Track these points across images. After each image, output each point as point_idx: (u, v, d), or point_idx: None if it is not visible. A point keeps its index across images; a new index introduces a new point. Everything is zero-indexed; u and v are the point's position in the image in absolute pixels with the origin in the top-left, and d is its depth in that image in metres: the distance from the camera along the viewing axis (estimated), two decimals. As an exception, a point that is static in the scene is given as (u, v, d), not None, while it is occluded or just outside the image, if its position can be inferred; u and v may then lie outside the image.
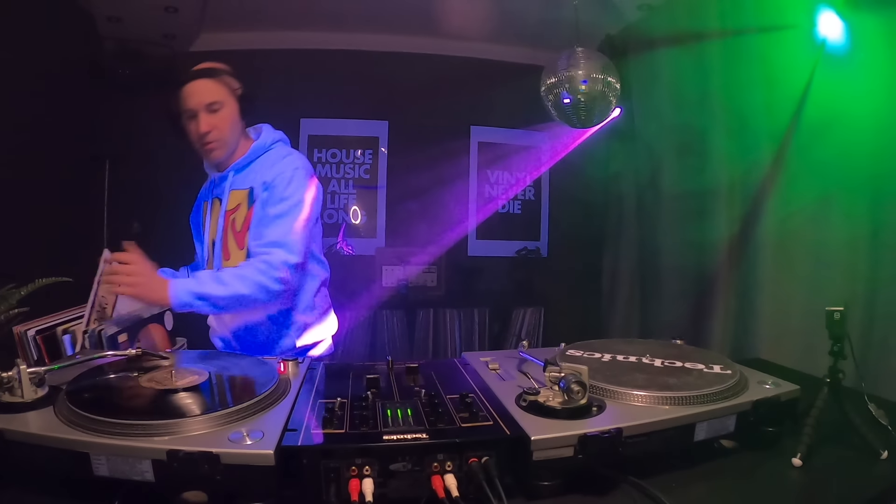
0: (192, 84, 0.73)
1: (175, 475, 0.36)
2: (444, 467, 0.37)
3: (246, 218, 0.75)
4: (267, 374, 0.50)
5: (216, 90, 0.73)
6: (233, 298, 0.69)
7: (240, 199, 0.76)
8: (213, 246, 0.77)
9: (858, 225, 0.97)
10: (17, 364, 0.46)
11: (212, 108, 0.72)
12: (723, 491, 0.43)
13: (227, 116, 0.74)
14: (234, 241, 0.75)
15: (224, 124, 0.73)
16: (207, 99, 0.72)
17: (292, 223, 0.72)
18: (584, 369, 0.43)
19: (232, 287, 0.68)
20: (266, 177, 0.74)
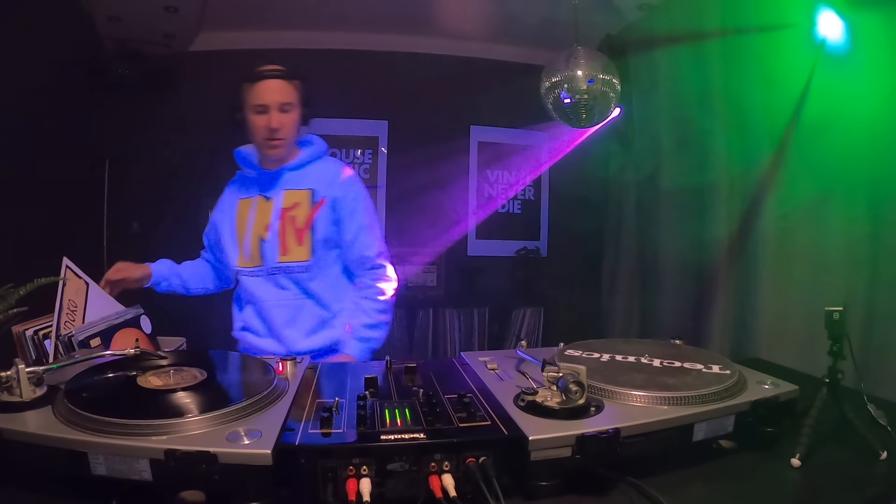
0: (268, 82, 0.77)
1: (173, 475, 0.36)
2: (442, 467, 0.37)
3: (308, 217, 0.80)
4: (265, 374, 0.50)
5: (290, 92, 0.79)
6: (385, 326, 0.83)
7: (298, 199, 0.81)
8: (260, 241, 0.81)
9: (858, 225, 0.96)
10: (15, 363, 0.46)
11: (283, 108, 0.78)
12: (721, 491, 0.43)
13: (293, 119, 0.80)
14: (293, 237, 0.80)
15: (290, 125, 0.79)
16: (282, 99, 0.78)
17: (375, 238, 0.83)
18: (582, 369, 0.43)
19: (383, 325, 0.83)
20: (329, 190, 0.81)
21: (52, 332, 0.69)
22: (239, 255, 0.83)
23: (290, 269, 0.81)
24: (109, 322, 0.76)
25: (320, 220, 0.81)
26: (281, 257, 0.80)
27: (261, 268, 0.82)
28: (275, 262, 0.80)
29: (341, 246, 0.83)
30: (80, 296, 0.76)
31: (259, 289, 0.82)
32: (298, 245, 0.80)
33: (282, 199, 0.81)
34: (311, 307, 0.82)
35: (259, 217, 0.81)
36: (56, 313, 0.70)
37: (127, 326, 0.78)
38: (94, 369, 0.53)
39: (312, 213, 0.80)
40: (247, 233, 0.82)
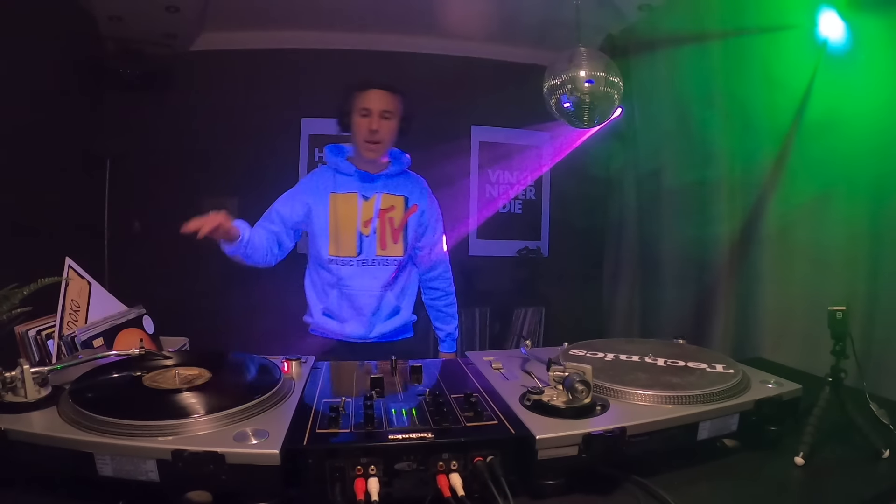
0: (377, 91, 0.90)
1: (180, 475, 0.36)
2: (450, 466, 0.37)
3: (403, 220, 0.94)
4: (271, 374, 0.50)
5: (391, 102, 0.90)
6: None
7: (394, 203, 0.94)
8: (359, 235, 0.91)
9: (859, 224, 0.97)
10: (20, 364, 0.46)
11: (384, 115, 0.89)
12: (726, 490, 0.43)
13: (391, 127, 0.91)
14: (391, 235, 0.92)
15: (388, 132, 0.90)
16: (384, 106, 0.89)
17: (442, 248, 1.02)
18: (587, 368, 0.43)
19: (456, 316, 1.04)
20: (420, 199, 0.96)
21: (54, 333, 0.69)
22: (331, 244, 0.91)
23: (386, 261, 0.92)
24: (112, 322, 0.76)
25: (411, 223, 0.95)
26: (380, 251, 0.92)
27: (355, 258, 0.91)
28: (373, 255, 0.92)
29: (423, 249, 0.98)
30: (82, 296, 0.76)
31: (352, 277, 0.91)
32: (394, 243, 0.92)
33: (381, 200, 0.93)
34: (390, 297, 0.94)
35: (360, 213, 0.91)
36: (59, 313, 0.70)
37: (129, 326, 0.78)
38: (98, 370, 0.53)
39: (406, 217, 0.94)
40: (345, 226, 0.91)
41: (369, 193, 0.92)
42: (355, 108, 0.89)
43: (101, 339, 0.71)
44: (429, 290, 1.02)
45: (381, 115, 0.88)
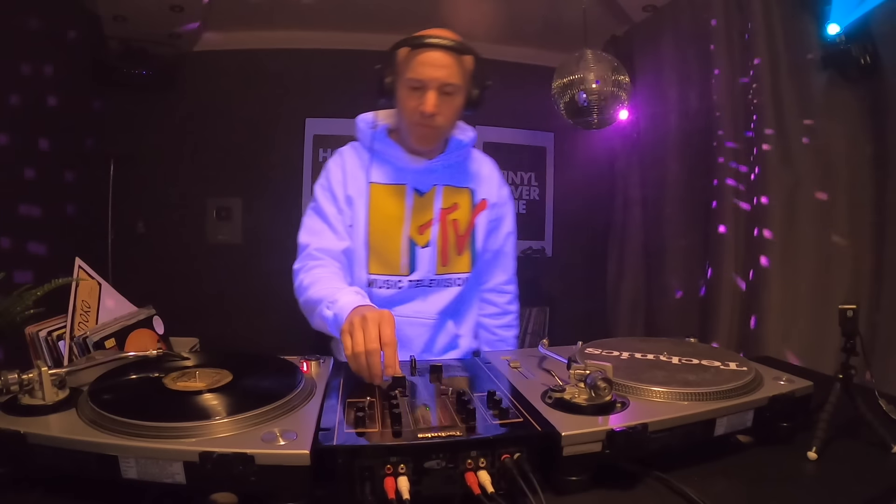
0: (433, 54, 0.57)
1: (207, 477, 0.36)
2: (478, 464, 0.37)
3: (470, 222, 0.66)
4: (293, 374, 0.50)
5: (457, 72, 0.58)
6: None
7: (457, 199, 0.66)
8: (412, 245, 0.63)
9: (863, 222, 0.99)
10: (37, 366, 0.46)
11: (446, 90, 0.59)
12: (743, 483, 0.44)
13: (456, 106, 0.61)
14: (454, 246, 0.65)
15: (451, 113, 0.61)
16: (446, 78, 0.58)
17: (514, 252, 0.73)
18: (608, 366, 0.44)
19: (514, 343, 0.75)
20: (489, 191, 0.67)
21: (65, 334, 0.69)
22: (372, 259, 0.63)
23: (448, 281, 0.65)
24: (123, 323, 0.75)
25: (480, 225, 0.67)
26: (440, 268, 0.65)
27: (405, 278, 0.64)
28: (431, 274, 0.65)
29: (488, 253, 0.70)
30: (92, 296, 0.76)
31: (400, 303, 0.64)
32: (458, 255, 0.66)
33: (440, 196, 0.64)
34: (450, 326, 0.68)
35: (414, 215, 0.63)
36: (69, 314, 0.69)
37: (140, 327, 0.78)
38: (115, 371, 0.53)
39: (474, 217, 0.66)
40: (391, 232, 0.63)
41: (425, 186, 0.64)
42: (401, 75, 0.59)
43: (112, 339, 0.71)
44: (484, 304, 0.73)
45: (440, 89, 0.58)
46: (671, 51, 1.54)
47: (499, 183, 0.72)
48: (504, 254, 0.74)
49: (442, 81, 0.59)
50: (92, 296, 0.76)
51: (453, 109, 0.62)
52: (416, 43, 0.59)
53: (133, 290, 0.81)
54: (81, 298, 0.73)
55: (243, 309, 1.79)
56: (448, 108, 0.61)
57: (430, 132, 0.63)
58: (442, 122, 0.62)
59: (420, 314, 0.66)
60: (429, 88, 0.59)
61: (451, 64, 0.59)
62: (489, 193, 0.69)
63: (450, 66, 0.59)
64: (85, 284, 0.74)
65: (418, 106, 0.60)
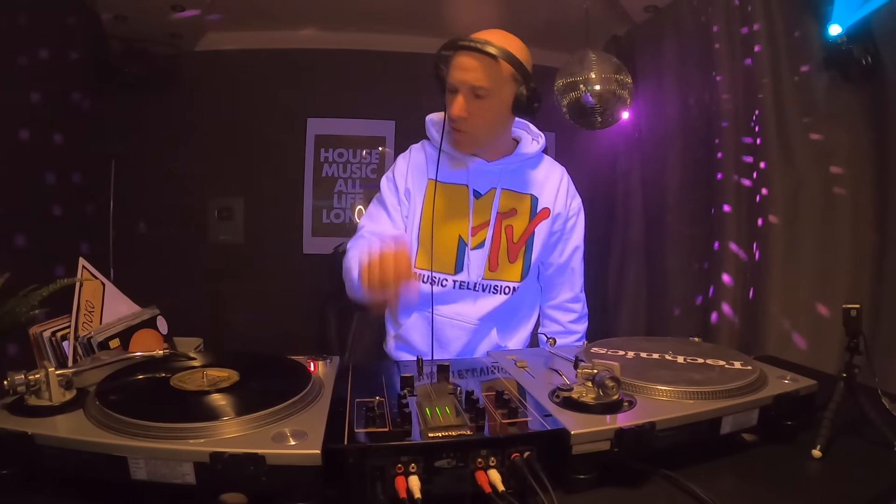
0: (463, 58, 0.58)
1: (217, 478, 0.36)
2: (488, 463, 0.38)
3: (526, 230, 0.65)
4: (301, 374, 0.50)
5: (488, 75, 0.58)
6: None
7: (517, 204, 0.65)
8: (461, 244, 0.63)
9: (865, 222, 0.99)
10: (44, 366, 0.46)
11: (476, 93, 0.58)
12: (749, 481, 0.44)
13: (491, 108, 0.59)
14: (506, 253, 0.64)
15: (484, 116, 0.60)
16: (474, 81, 0.58)
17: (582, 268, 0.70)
18: (616, 365, 0.45)
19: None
20: (554, 200, 0.66)
21: (70, 334, 0.69)
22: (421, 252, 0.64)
23: (495, 287, 0.64)
24: (127, 323, 0.75)
25: (539, 235, 0.65)
26: (488, 273, 0.64)
27: (451, 276, 0.64)
28: (477, 277, 0.64)
29: (551, 267, 0.69)
30: (96, 296, 0.76)
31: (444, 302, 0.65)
32: (510, 262, 0.64)
33: (498, 200, 0.64)
34: (492, 335, 0.67)
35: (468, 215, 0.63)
36: (73, 314, 0.69)
37: (144, 327, 0.78)
38: (122, 371, 0.53)
39: (532, 226, 0.65)
40: (445, 229, 0.64)
41: (483, 188, 0.64)
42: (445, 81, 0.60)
43: (117, 339, 0.71)
44: (545, 319, 0.71)
45: (470, 92, 0.58)
46: (673, 51, 1.53)
47: (568, 193, 0.69)
48: (570, 269, 0.70)
49: (471, 84, 0.59)
50: (96, 296, 0.76)
51: (487, 113, 0.61)
52: (451, 46, 0.60)
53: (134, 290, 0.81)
54: (85, 298, 0.73)
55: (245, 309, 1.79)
56: (480, 112, 0.60)
57: (461, 136, 0.62)
58: (473, 127, 0.62)
59: (461, 316, 0.65)
60: (459, 92, 0.60)
61: (480, 67, 0.58)
62: (554, 202, 0.67)
63: (479, 70, 0.58)
64: (89, 284, 0.74)
65: (450, 109, 0.61)
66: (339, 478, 0.37)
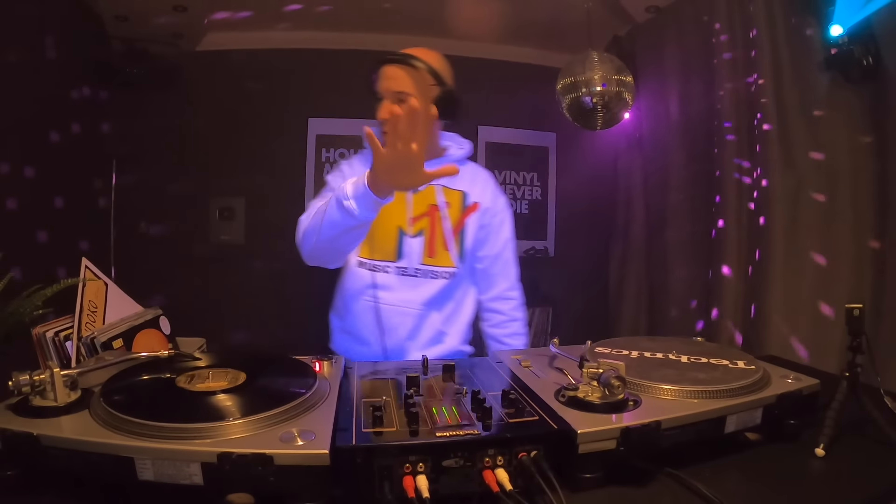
0: (386, 68, 0.69)
1: (225, 478, 0.36)
2: (496, 462, 0.38)
3: (460, 221, 0.73)
4: (306, 374, 0.50)
5: (407, 82, 0.67)
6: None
7: (449, 199, 0.73)
8: (401, 234, 0.71)
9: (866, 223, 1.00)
10: (49, 367, 0.46)
11: (399, 98, 0.67)
12: (753, 479, 0.45)
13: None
14: (442, 240, 0.72)
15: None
16: (396, 87, 0.68)
17: (515, 259, 0.78)
18: (621, 365, 0.45)
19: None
20: (482, 196, 0.74)
21: (72, 334, 0.69)
22: (364, 244, 0.70)
23: (433, 273, 0.72)
24: (130, 323, 0.75)
25: (470, 226, 0.73)
26: (426, 259, 0.71)
27: (393, 264, 0.71)
28: (417, 264, 0.71)
29: (485, 261, 0.76)
30: (99, 296, 0.76)
31: (386, 288, 0.71)
32: (445, 249, 0.72)
33: (436, 194, 0.72)
34: (433, 320, 0.73)
35: (405, 207, 0.71)
36: (76, 315, 0.69)
37: (147, 327, 0.78)
38: (127, 372, 0.53)
39: (464, 217, 0.73)
40: (385, 221, 0.71)
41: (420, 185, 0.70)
42: (375, 90, 0.70)
43: (120, 340, 0.71)
44: (487, 313, 0.78)
45: (394, 98, 0.67)
46: (674, 51, 1.53)
47: (494, 192, 0.78)
48: (504, 259, 0.78)
49: (394, 90, 0.68)
50: (99, 296, 0.76)
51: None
52: (379, 61, 0.71)
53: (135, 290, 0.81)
54: (88, 299, 0.73)
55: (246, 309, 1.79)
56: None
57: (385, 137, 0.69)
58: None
59: (405, 303, 0.72)
60: (385, 98, 0.69)
61: (402, 76, 0.68)
62: (482, 198, 0.75)
63: (401, 78, 0.68)
64: (92, 284, 0.74)
65: (378, 114, 0.69)
66: (347, 478, 0.37)
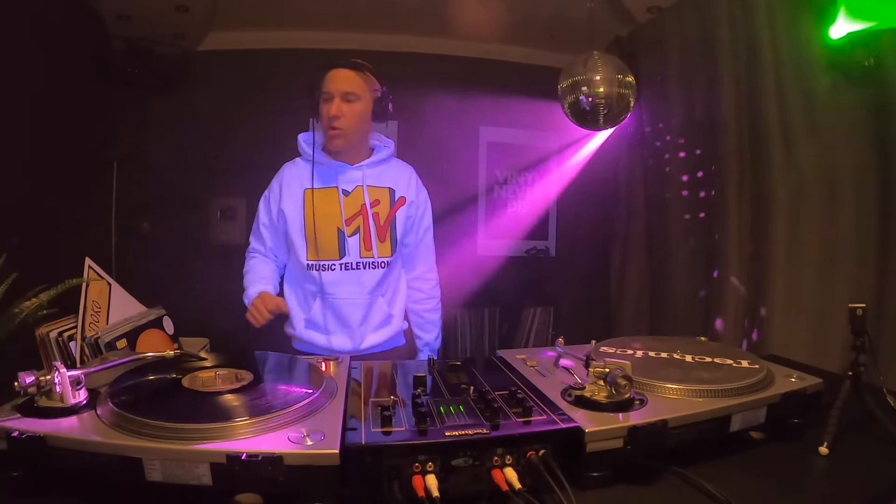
0: (337, 71, 0.79)
1: (234, 478, 0.36)
2: (504, 461, 0.38)
3: (389, 215, 0.83)
4: (313, 374, 0.50)
5: (356, 83, 0.79)
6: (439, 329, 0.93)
7: (379, 196, 0.83)
8: (340, 234, 0.81)
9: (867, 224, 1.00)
10: (56, 367, 0.45)
11: (347, 98, 0.78)
12: (758, 477, 0.45)
13: (358, 110, 0.79)
14: (377, 234, 0.82)
15: (353, 116, 0.79)
16: (346, 88, 0.78)
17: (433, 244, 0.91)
18: (627, 364, 0.45)
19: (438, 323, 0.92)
20: (407, 190, 0.85)
21: (76, 334, 0.68)
22: (310, 248, 0.81)
23: (373, 263, 0.82)
24: (133, 323, 0.75)
25: (399, 218, 0.84)
26: (364, 252, 0.82)
27: (337, 261, 0.81)
28: (356, 258, 0.82)
29: (408, 246, 0.88)
30: (103, 297, 0.76)
31: (335, 284, 0.82)
32: (381, 242, 0.82)
33: (364, 194, 0.82)
34: (380, 304, 0.84)
35: (340, 210, 0.81)
36: (80, 315, 0.69)
37: (150, 328, 0.78)
38: (133, 372, 0.52)
39: (393, 212, 0.83)
40: (324, 226, 0.81)
41: (350, 187, 0.82)
42: (320, 91, 0.79)
43: (124, 340, 0.71)
44: (411, 290, 0.90)
45: (343, 97, 0.77)
46: (676, 52, 1.54)
47: (416, 186, 0.88)
48: (425, 245, 0.90)
49: (343, 90, 0.79)
50: (102, 296, 0.76)
51: (355, 114, 0.80)
52: (324, 65, 0.82)
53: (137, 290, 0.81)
54: (92, 299, 0.73)
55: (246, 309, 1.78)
56: (351, 113, 0.79)
57: (336, 133, 0.80)
58: (345, 124, 0.79)
59: (354, 295, 0.83)
60: (335, 97, 0.79)
61: (351, 78, 0.80)
62: (407, 193, 0.86)
63: (350, 80, 0.79)
64: (95, 285, 0.74)
65: (327, 112, 0.79)
66: (356, 477, 0.37)
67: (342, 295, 0.82)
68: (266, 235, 0.88)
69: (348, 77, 0.79)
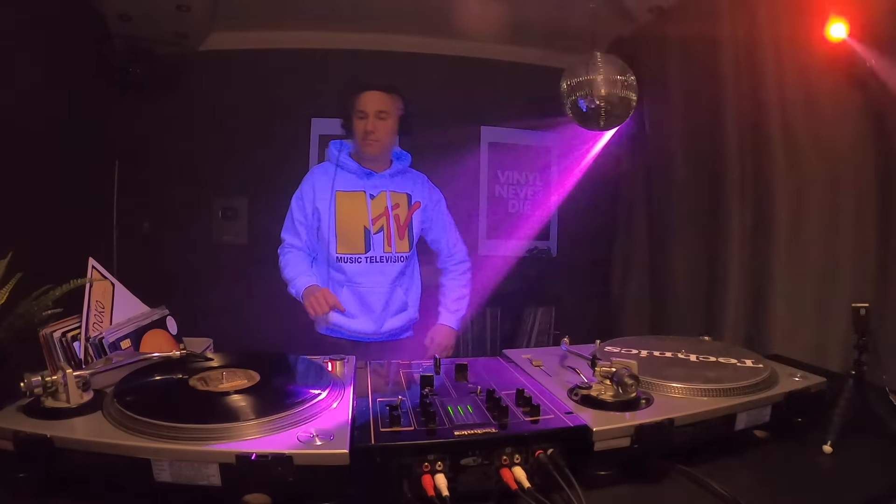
0: (371, 92, 0.94)
1: (243, 479, 0.36)
2: (513, 460, 0.38)
3: (407, 217, 0.98)
4: (320, 374, 0.51)
5: (386, 103, 0.95)
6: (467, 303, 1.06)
7: (399, 200, 0.99)
8: (366, 232, 0.95)
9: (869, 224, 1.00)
10: (62, 368, 0.45)
11: (380, 115, 0.94)
12: (763, 475, 0.45)
13: (388, 127, 0.95)
14: (397, 232, 0.97)
15: (385, 132, 0.95)
16: (378, 107, 0.94)
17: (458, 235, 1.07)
18: (633, 364, 0.45)
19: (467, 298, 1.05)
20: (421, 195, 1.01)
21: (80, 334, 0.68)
22: (338, 242, 0.95)
23: (393, 258, 0.96)
24: (137, 323, 0.75)
25: (416, 220, 0.99)
26: (386, 248, 0.96)
27: (363, 255, 0.95)
28: (380, 252, 0.96)
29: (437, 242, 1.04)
30: (106, 296, 0.75)
31: (361, 274, 0.95)
32: (401, 239, 0.97)
33: (387, 198, 0.97)
34: (399, 292, 0.98)
35: (367, 211, 0.95)
36: (84, 315, 0.69)
37: (154, 328, 0.77)
38: (139, 373, 0.52)
39: (410, 214, 0.99)
40: (353, 224, 0.95)
41: (375, 191, 0.97)
42: (354, 110, 0.94)
43: (128, 340, 0.71)
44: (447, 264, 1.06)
45: (376, 115, 0.92)
46: (677, 52, 1.54)
47: (430, 190, 1.04)
48: (446, 231, 1.06)
49: (377, 109, 0.94)
50: (106, 296, 0.75)
51: (386, 128, 0.95)
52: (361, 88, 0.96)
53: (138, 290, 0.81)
54: (95, 299, 0.72)
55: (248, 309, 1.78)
56: (383, 128, 0.95)
57: (373, 142, 0.95)
58: (380, 137, 0.95)
59: (377, 284, 0.97)
60: (369, 115, 0.94)
61: (383, 98, 0.95)
62: (422, 197, 1.02)
63: (382, 100, 0.95)
64: (99, 285, 0.74)
65: (363, 127, 0.94)
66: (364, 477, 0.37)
67: (367, 284, 0.95)
68: (302, 231, 0.99)
69: (380, 98, 0.94)
